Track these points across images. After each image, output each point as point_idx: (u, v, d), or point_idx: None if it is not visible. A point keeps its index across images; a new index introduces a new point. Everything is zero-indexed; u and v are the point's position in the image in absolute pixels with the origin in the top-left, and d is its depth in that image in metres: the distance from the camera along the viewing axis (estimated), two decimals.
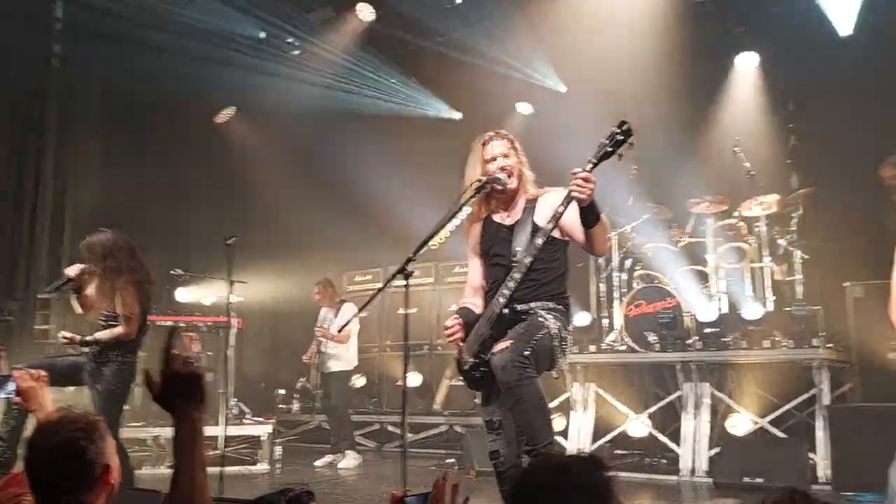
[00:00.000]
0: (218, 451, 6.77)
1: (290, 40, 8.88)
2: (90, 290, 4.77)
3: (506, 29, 8.40)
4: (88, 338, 4.66)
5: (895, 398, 5.33)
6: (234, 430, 6.90)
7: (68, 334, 4.70)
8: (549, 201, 3.18)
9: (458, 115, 9.75)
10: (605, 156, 2.91)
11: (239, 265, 5.43)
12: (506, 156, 3.36)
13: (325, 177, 9.41)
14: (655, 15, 7.68)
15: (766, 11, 7.69)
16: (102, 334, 4.65)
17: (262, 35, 8.80)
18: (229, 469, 4.82)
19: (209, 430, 6.98)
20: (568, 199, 2.97)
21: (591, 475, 1.36)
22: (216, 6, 8.21)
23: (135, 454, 6.36)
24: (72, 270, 4.70)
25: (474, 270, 3.51)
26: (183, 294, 8.80)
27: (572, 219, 3.07)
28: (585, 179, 2.85)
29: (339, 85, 9.33)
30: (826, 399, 5.71)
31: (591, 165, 2.92)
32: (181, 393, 1.63)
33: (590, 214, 2.98)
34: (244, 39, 8.78)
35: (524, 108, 9.35)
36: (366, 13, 8.45)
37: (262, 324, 10.58)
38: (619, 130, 2.90)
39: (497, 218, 3.42)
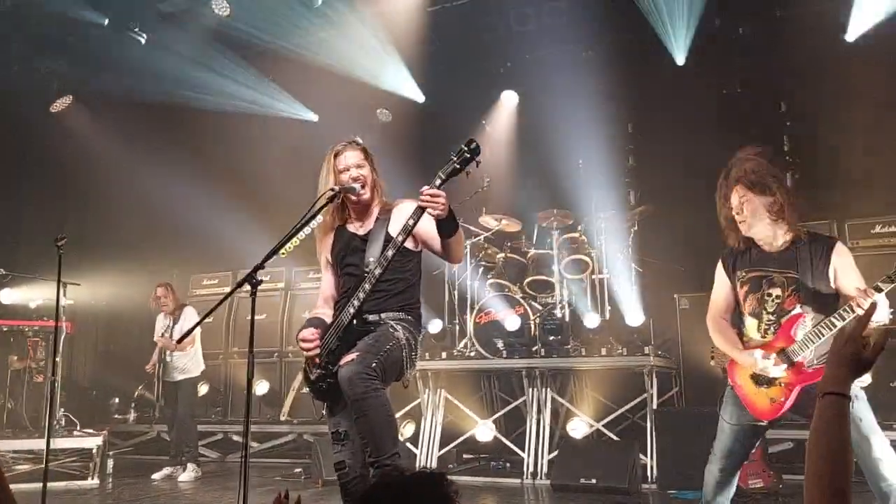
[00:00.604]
0: (41, 467, 6.32)
1: (135, 28, 8.38)
2: None
3: (364, 34, 8.40)
4: None
5: (714, 402, 5.79)
6: (61, 443, 6.42)
7: None
8: (404, 212, 3.19)
9: (314, 117, 9.62)
10: (454, 172, 2.96)
11: (72, 265, 5.06)
12: (359, 166, 3.34)
13: (170, 174, 8.97)
14: (512, 30, 7.95)
15: (614, 37, 8.15)
16: None
17: (105, 22, 8.24)
18: (54, 485, 4.46)
19: (32, 444, 6.48)
20: (418, 213, 3.00)
21: (435, 491, 1.38)
22: None
23: None
24: None
25: (326, 280, 3.47)
26: (7, 295, 8.09)
27: (427, 228, 3.11)
28: (433, 195, 2.90)
29: (186, 79, 8.92)
30: (654, 403, 6.12)
31: (439, 181, 2.97)
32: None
33: (447, 226, 3.03)
34: (86, 25, 8.19)
35: (383, 114, 9.38)
36: (221, 6, 8.15)
37: (96, 328, 9.93)
38: (467, 148, 2.95)
39: (351, 228, 3.40)
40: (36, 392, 7.79)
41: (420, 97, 9.09)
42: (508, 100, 8.92)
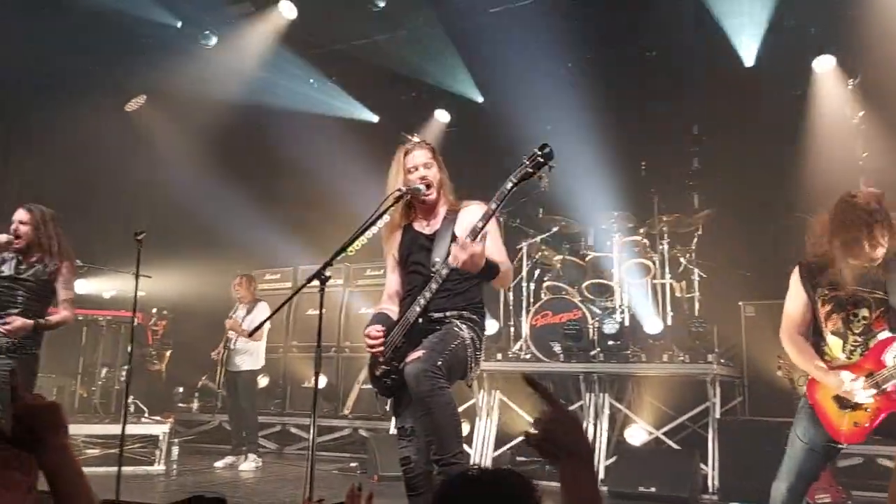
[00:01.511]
0: (110, 451, 6.57)
1: (207, 31, 8.62)
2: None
3: (426, 35, 8.45)
4: (42, 321, 4.44)
5: (779, 413, 5.66)
6: (130, 429, 6.65)
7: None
8: (472, 214, 3.20)
9: (374, 118, 9.73)
10: (526, 176, 2.95)
11: (142, 258, 5.24)
12: (427, 165, 3.37)
13: (237, 172, 9.21)
14: (573, 29, 7.88)
15: (675, 39, 8.02)
16: (54, 319, 4.48)
17: (179, 24, 8.50)
18: (123, 469, 4.63)
19: (102, 429, 6.73)
20: (487, 217, 2.99)
21: (523, 490, 1.38)
22: None
23: None
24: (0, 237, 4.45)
25: (392, 278, 3.50)
26: (83, 286, 8.43)
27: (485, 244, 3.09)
28: (462, 247, 2.90)
29: (256, 80, 9.12)
30: (717, 412, 6.00)
31: (510, 184, 2.97)
32: (43, 426, 1.54)
33: (483, 275, 3.05)
34: (159, 28, 8.46)
35: (442, 115, 9.43)
36: (287, 11, 8.32)
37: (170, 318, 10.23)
38: (540, 153, 2.94)
39: (417, 226, 3.43)
40: (108, 380, 8.11)
41: (479, 98, 9.09)
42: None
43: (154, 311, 9.17)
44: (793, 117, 7.50)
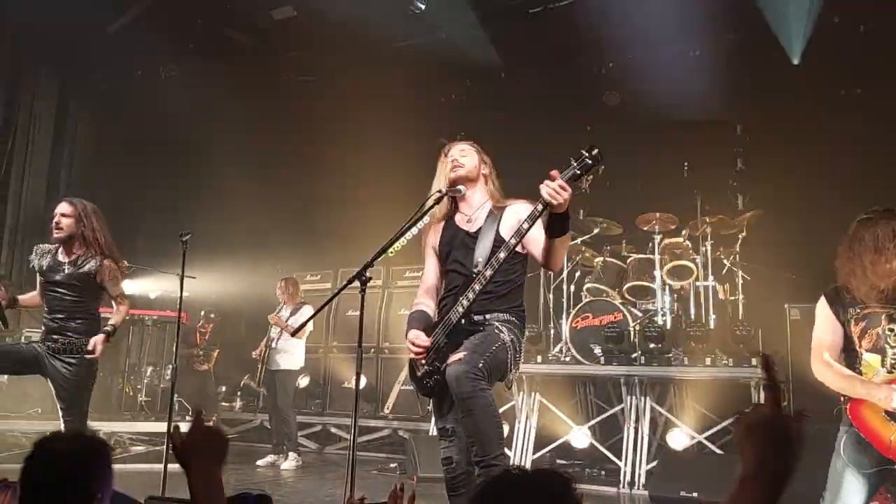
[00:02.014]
0: (155, 448, 6.71)
1: (250, 35, 8.75)
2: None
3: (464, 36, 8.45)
4: (109, 328, 4.51)
5: (825, 419, 5.52)
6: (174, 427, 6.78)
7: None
8: (516, 214, 3.18)
9: (418, 121, 9.74)
10: (573, 177, 2.90)
11: (187, 259, 5.34)
12: (462, 154, 3.38)
13: (278, 176, 9.35)
14: (614, 25, 7.82)
15: (724, 36, 7.90)
16: (116, 319, 4.55)
17: (223, 29, 8.65)
18: (170, 467, 4.73)
19: (153, 427, 6.88)
20: (534, 216, 2.97)
21: (564, 490, 1.37)
22: None
23: None
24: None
25: (430, 271, 3.48)
26: (130, 286, 8.62)
27: (533, 234, 3.08)
28: (562, 187, 2.83)
29: (299, 84, 9.23)
30: None
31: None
32: (204, 450, 1.63)
33: (559, 223, 2.95)
34: (207, 32, 8.63)
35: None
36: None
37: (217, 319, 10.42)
38: (588, 154, 2.90)
39: (459, 221, 3.41)
40: (153, 378, 8.29)
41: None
42: (610, 101, 8.77)
43: (202, 313, 9.36)
44: (840, 116, 7.33)
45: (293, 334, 6.52)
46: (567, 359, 6.90)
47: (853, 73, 7.55)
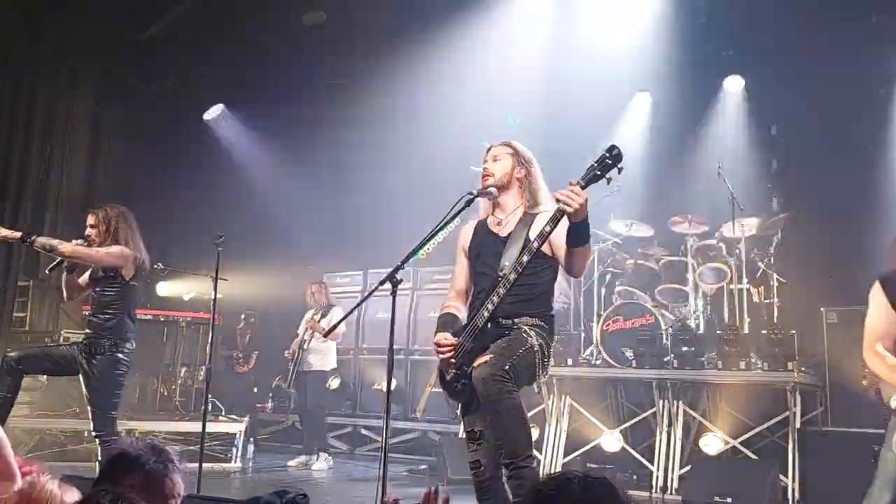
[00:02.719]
0: (190, 447, 6.79)
1: (281, 40, 8.84)
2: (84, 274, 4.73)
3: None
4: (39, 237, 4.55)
5: (864, 424, 5.42)
6: (208, 427, 6.86)
7: None
8: (546, 219, 3.15)
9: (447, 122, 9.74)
10: (594, 179, 2.90)
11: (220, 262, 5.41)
12: (495, 159, 3.36)
13: (308, 179, 9.42)
14: (645, 33, 7.76)
15: (754, 36, 7.79)
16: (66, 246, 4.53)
17: (255, 35, 8.75)
18: (204, 465, 4.80)
19: (188, 426, 6.98)
20: (556, 218, 2.96)
21: (614, 496, 1.37)
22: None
23: None
24: (79, 243, 4.60)
25: (460, 272, 3.48)
26: (164, 289, 8.77)
27: (559, 236, 3.05)
28: (573, 192, 2.82)
29: (326, 89, 9.30)
30: (797, 422, 5.79)
31: (578, 187, 2.90)
32: None
33: (577, 234, 2.94)
34: (235, 38, 8.74)
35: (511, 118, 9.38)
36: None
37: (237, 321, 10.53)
38: (608, 154, 2.89)
39: (491, 224, 3.39)
40: (187, 379, 8.40)
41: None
42: (641, 102, 8.70)
43: (242, 316, 9.47)
44: (877, 116, 7.19)
45: (326, 335, 6.58)
46: (598, 362, 6.85)
47: (881, 72, 7.39)
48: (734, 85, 8.08)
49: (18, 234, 4.51)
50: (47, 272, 4.68)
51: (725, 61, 8.04)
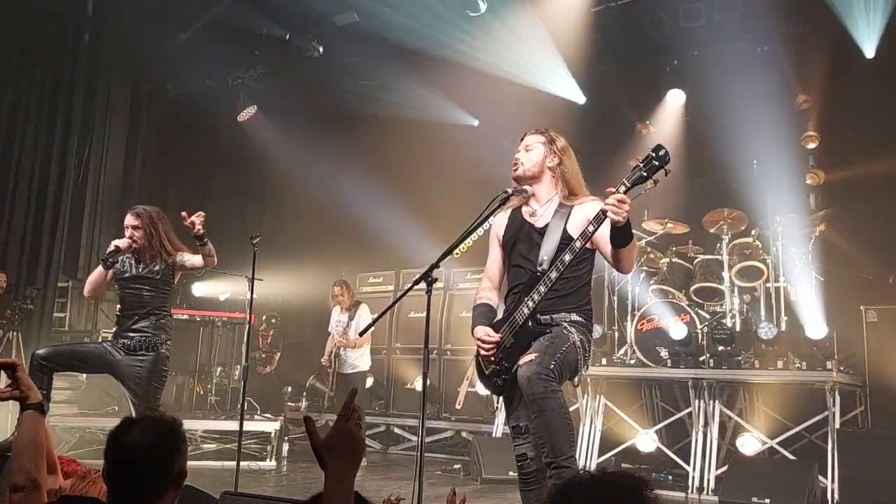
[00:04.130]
0: (226, 446, 6.89)
1: (313, 41, 8.91)
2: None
3: (525, 38, 8.41)
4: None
5: None
6: (245, 426, 6.95)
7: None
8: (585, 212, 3.15)
9: (475, 122, 9.78)
10: (640, 180, 2.86)
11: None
12: (527, 148, 3.34)
13: (341, 178, 9.49)
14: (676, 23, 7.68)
15: (789, 32, 7.68)
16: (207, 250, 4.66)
17: (287, 36, 8.83)
18: (242, 464, 4.86)
19: (224, 425, 7.07)
20: (600, 219, 2.94)
21: (645, 493, 1.36)
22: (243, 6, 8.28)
23: None
24: (121, 242, 4.68)
25: (493, 262, 3.46)
26: (199, 289, 8.89)
27: (603, 233, 3.03)
28: (621, 201, 2.80)
29: (357, 87, 9.35)
30: (837, 422, 5.69)
31: (623, 188, 2.87)
32: (343, 452, 1.63)
33: (622, 236, 2.93)
34: (269, 39, 8.83)
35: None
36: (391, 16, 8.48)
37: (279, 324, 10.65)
38: (655, 155, 2.84)
39: (526, 213, 3.36)
40: (222, 378, 8.52)
41: (581, 98, 8.98)
42: (675, 99, 8.62)
43: (264, 317, 9.57)
44: None
45: (361, 334, 6.63)
46: (632, 361, 6.81)
47: None
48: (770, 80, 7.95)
49: (202, 231, 4.58)
50: (104, 260, 4.72)
51: (760, 56, 7.93)
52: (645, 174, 2.86)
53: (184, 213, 4.55)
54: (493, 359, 3.23)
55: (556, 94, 8.93)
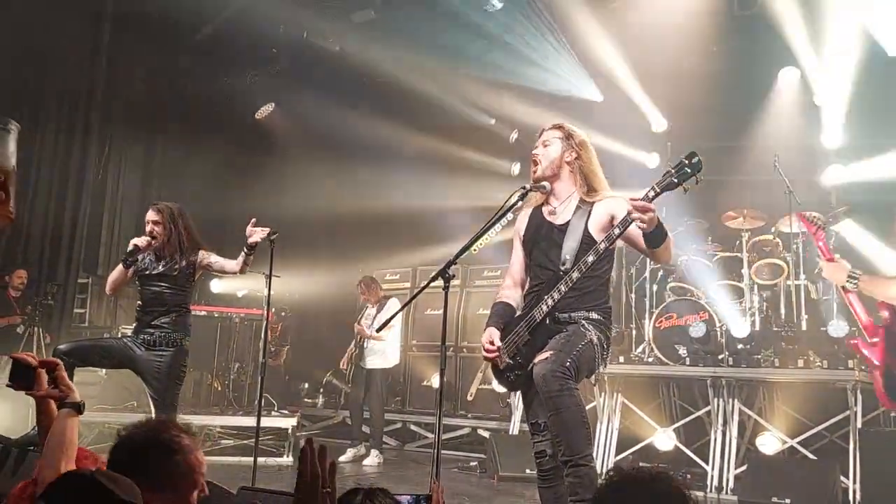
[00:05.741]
0: (243, 441, 6.92)
1: (331, 39, 8.92)
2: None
3: (542, 35, 8.37)
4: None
5: None
6: (261, 422, 6.98)
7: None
8: (608, 209, 3.12)
9: (491, 121, 9.74)
10: (669, 186, 2.82)
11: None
12: (545, 144, 3.31)
13: (358, 176, 9.50)
14: (700, 27, 7.61)
15: (810, 28, 7.59)
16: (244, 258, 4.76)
17: (304, 35, 8.85)
18: (259, 459, 4.88)
19: (241, 421, 7.09)
20: (626, 222, 2.91)
21: (681, 494, 1.35)
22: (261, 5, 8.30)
23: None
24: (140, 241, 4.70)
25: (516, 260, 3.44)
26: (217, 285, 8.93)
27: (633, 231, 2.99)
28: (643, 209, 2.76)
29: (378, 86, 9.35)
30: (859, 422, 5.62)
31: (652, 193, 2.83)
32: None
33: (655, 238, 2.89)
34: (286, 38, 8.85)
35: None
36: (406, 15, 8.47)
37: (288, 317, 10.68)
38: (687, 162, 2.78)
39: (546, 213, 3.34)
40: (239, 374, 8.56)
41: (599, 97, 8.92)
42: None
43: (273, 310, 9.55)
44: None
45: (378, 331, 6.61)
46: (650, 359, 6.76)
47: None
48: (790, 77, 7.88)
49: (257, 242, 4.75)
50: (124, 260, 4.76)
51: (781, 53, 7.84)
52: (676, 181, 2.82)
53: (254, 220, 4.66)
54: (506, 357, 3.23)
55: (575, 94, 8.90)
